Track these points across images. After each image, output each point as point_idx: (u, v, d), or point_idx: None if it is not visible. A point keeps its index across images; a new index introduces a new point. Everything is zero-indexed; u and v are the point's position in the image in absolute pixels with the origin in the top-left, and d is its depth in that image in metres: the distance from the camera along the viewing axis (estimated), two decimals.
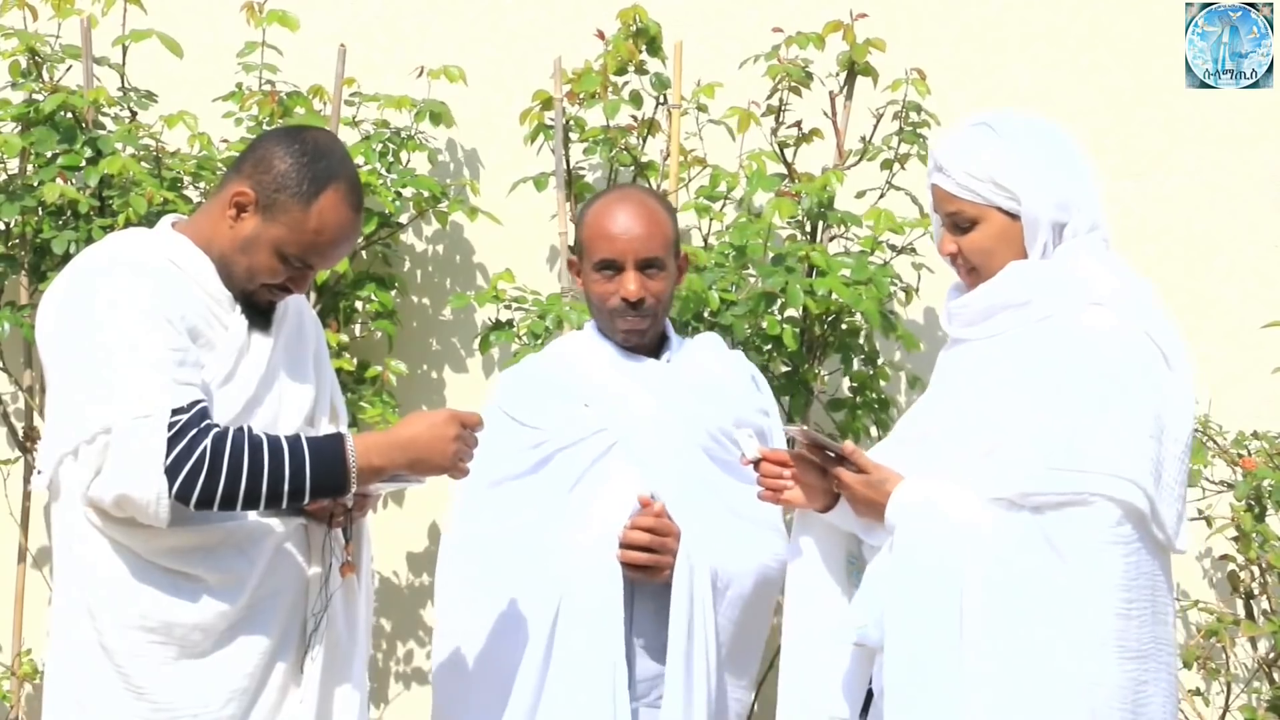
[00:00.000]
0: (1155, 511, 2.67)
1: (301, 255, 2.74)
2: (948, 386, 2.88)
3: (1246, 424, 4.64)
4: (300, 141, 2.76)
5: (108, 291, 2.64)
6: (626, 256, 3.15)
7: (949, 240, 2.84)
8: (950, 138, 2.86)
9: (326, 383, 2.96)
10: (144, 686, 2.65)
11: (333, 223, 2.74)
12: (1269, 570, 4.49)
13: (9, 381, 4.73)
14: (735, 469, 3.17)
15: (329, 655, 2.79)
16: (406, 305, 4.85)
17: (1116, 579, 2.63)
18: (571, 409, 3.19)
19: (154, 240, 2.76)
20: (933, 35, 4.89)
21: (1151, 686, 2.67)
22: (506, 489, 3.18)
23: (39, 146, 4.50)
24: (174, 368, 2.61)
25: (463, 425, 2.74)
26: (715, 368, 3.29)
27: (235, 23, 4.66)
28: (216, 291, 2.75)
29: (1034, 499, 2.65)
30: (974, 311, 2.83)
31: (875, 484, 2.79)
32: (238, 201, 2.74)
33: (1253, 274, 4.83)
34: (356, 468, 2.66)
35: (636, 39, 4.59)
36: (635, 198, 3.22)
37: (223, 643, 2.69)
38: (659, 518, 3.08)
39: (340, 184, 2.74)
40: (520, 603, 3.12)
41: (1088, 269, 2.76)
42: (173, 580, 2.66)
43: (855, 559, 2.97)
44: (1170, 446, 2.71)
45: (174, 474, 2.57)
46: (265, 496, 2.62)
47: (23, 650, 4.60)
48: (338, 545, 2.81)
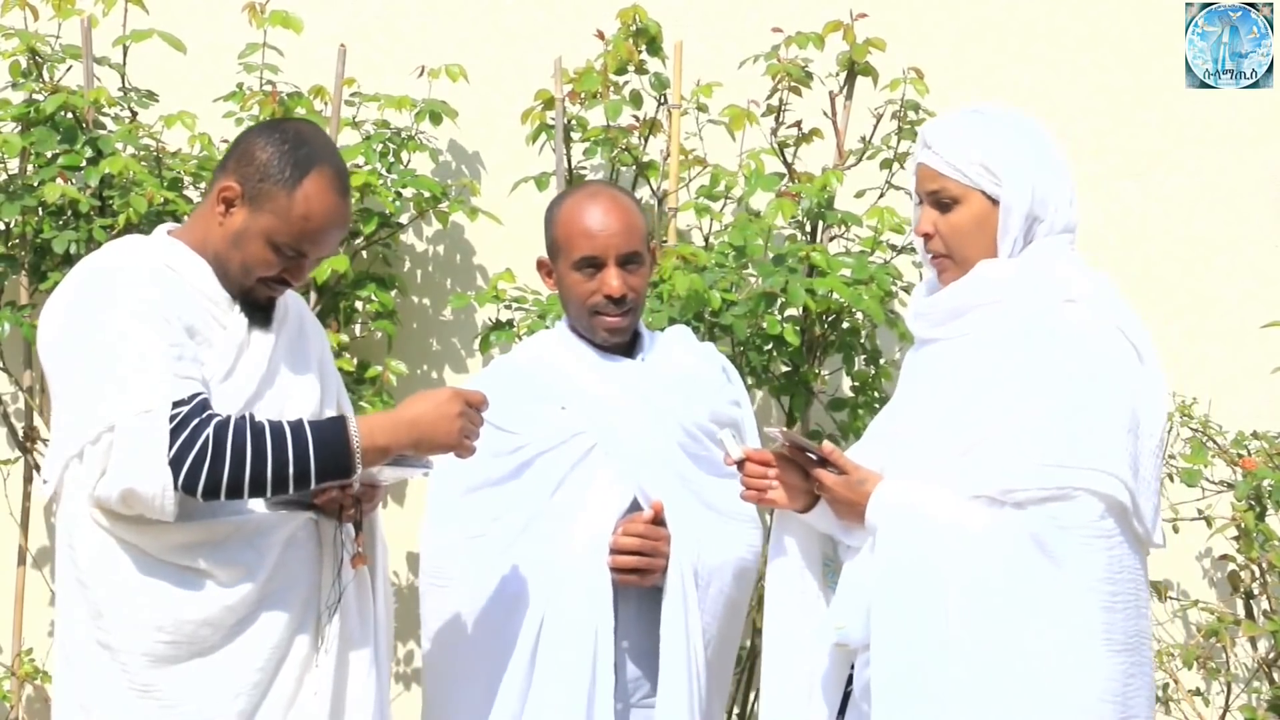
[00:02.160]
0: (1136, 505, 2.67)
1: (292, 243, 2.74)
2: (919, 387, 2.87)
3: (1246, 424, 4.64)
4: (280, 131, 2.77)
5: (105, 295, 2.65)
6: (608, 252, 3.13)
7: (927, 220, 2.84)
8: (941, 119, 2.88)
9: (332, 386, 2.96)
10: (150, 684, 2.65)
11: (319, 207, 2.73)
12: (1270, 570, 4.50)
13: (9, 381, 4.73)
14: (708, 463, 3.16)
15: (343, 648, 2.78)
16: (406, 305, 4.85)
17: (1101, 572, 2.63)
18: (549, 412, 3.15)
19: (150, 246, 2.77)
20: (932, 35, 4.90)
21: (1138, 680, 2.67)
22: (484, 495, 3.14)
23: (39, 146, 4.50)
24: (173, 362, 2.62)
25: (467, 403, 2.73)
26: (688, 362, 3.27)
27: (236, 23, 4.66)
28: (214, 293, 2.75)
29: (1016, 495, 2.65)
30: (942, 311, 2.83)
31: (855, 485, 2.79)
32: (224, 197, 2.74)
33: (1253, 274, 4.83)
34: (360, 448, 2.65)
35: (636, 39, 4.60)
36: (608, 194, 3.20)
37: (231, 637, 2.68)
38: (649, 524, 3.06)
39: (324, 168, 2.74)
40: (506, 609, 3.09)
41: (1058, 267, 2.77)
42: (181, 576, 2.66)
43: (830, 561, 2.97)
44: (1146, 441, 2.72)
45: (178, 465, 2.57)
46: (271, 482, 2.62)
47: (23, 650, 4.60)
48: (348, 538, 2.80)
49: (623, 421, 3.14)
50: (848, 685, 2.86)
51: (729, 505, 3.17)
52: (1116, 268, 4.32)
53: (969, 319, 2.80)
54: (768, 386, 4.56)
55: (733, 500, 3.09)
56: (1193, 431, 4.57)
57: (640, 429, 3.14)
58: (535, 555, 3.09)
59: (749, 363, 4.46)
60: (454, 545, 3.16)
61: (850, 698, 2.84)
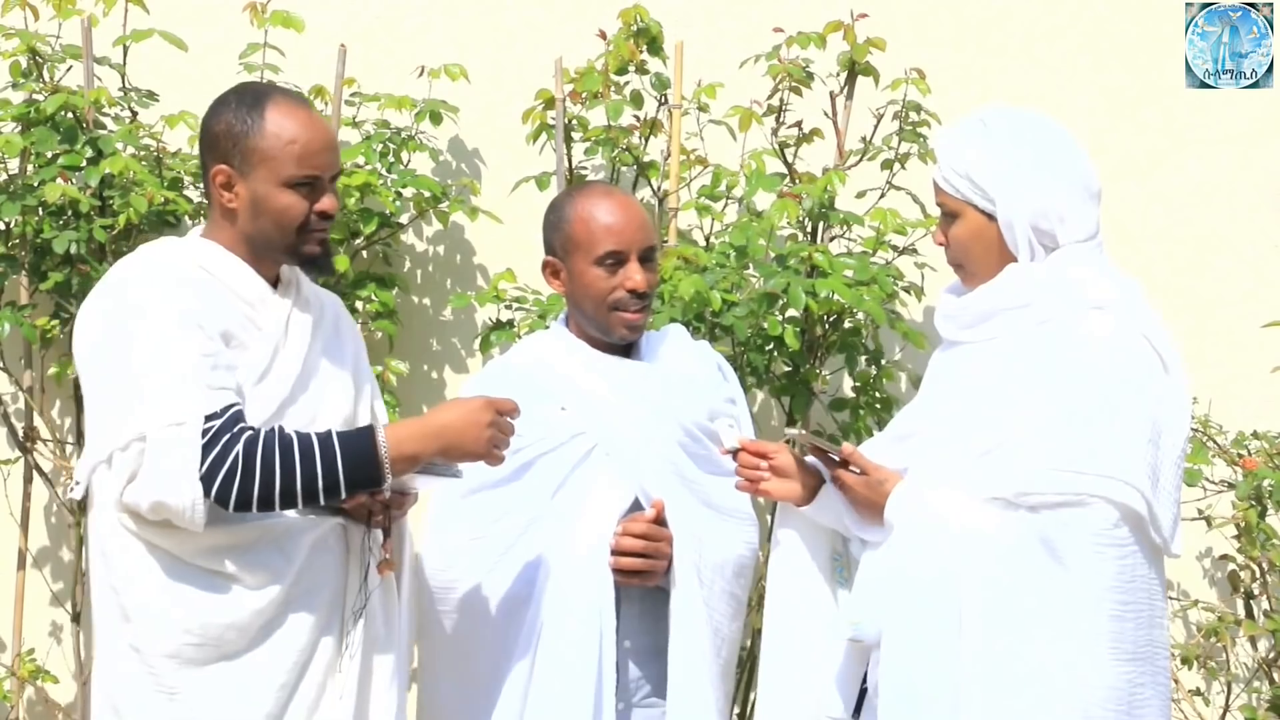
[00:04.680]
0: (1153, 515, 2.68)
1: (298, 172, 2.76)
2: (943, 387, 2.89)
3: (1246, 424, 4.65)
4: (220, 99, 2.85)
5: (139, 301, 2.68)
6: (632, 247, 3.14)
7: (939, 231, 2.89)
8: (946, 131, 2.91)
9: (366, 389, 2.98)
10: (177, 688, 2.67)
11: (294, 125, 2.77)
12: (1270, 570, 4.51)
13: (9, 381, 4.72)
14: (707, 461, 3.17)
15: (367, 653, 2.79)
16: (407, 305, 4.85)
17: (1111, 580, 2.64)
18: (549, 413, 3.15)
19: (184, 248, 2.80)
20: (933, 35, 4.90)
21: (1148, 690, 2.67)
22: (485, 496, 3.13)
23: (40, 146, 4.49)
24: (207, 372, 2.64)
25: (498, 412, 2.74)
26: (685, 361, 3.27)
27: (236, 22, 4.65)
28: (248, 292, 2.78)
29: (1031, 498, 2.66)
30: (972, 314, 2.85)
31: (875, 485, 2.81)
32: (220, 183, 2.79)
33: (1253, 274, 4.84)
34: (389, 458, 2.67)
35: (638, 39, 4.60)
36: (618, 191, 3.24)
37: (258, 641, 2.70)
38: (651, 523, 3.07)
39: (275, 97, 2.80)
40: (508, 610, 3.09)
41: (1085, 273, 2.77)
42: (209, 580, 2.67)
43: (840, 556, 2.98)
44: (1167, 451, 2.72)
45: (209, 481, 2.60)
46: (301, 495, 2.64)
47: (23, 651, 4.59)
48: (376, 544, 2.81)
49: (623, 421, 3.14)
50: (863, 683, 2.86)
51: (727, 503, 3.17)
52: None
53: (996, 323, 2.81)
54: (769, 387, 4.56)
55: (731, 498, 3.10)
56: (1193, 431, 4.57)
57: (641, 429, 3.14)
58: (537, 556, 3.09)
59: (750, 363, 4.46)
60: (455, 547, 3.16)
61: (865, 696, 2.84)
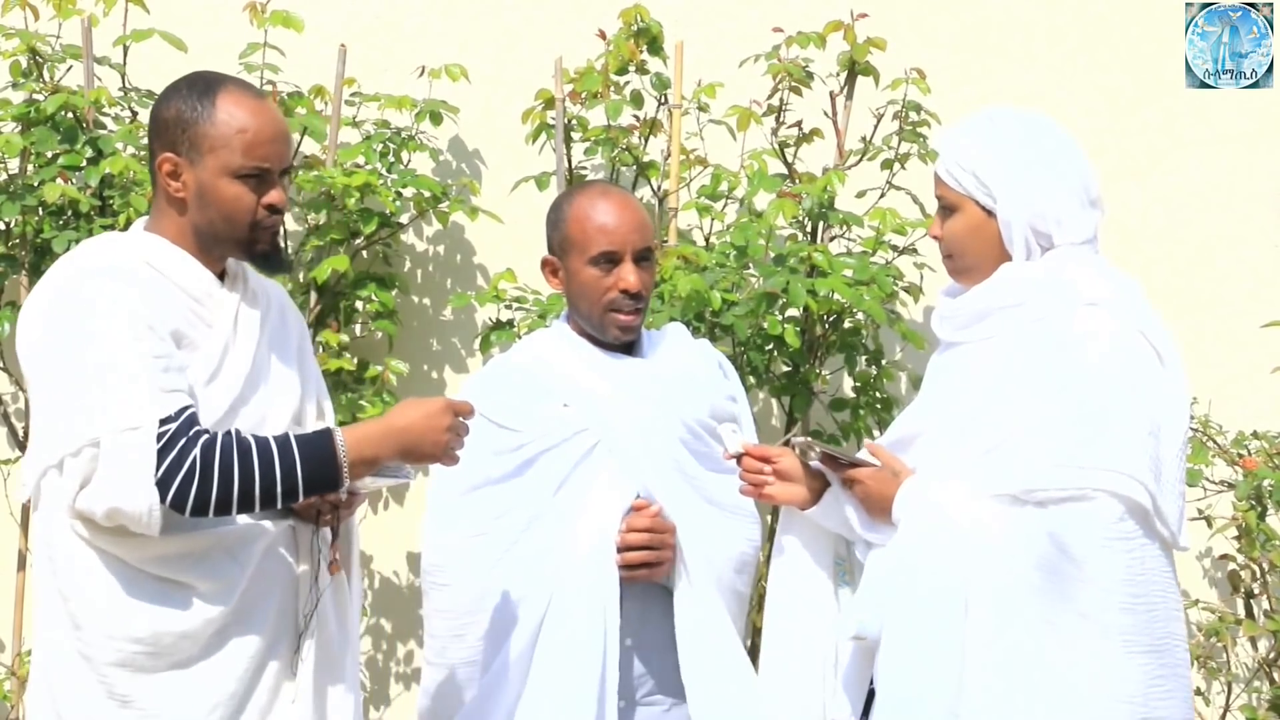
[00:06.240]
0: (1158, 507, 2.68)
1: (246, 163, 2.69)
2: (943, 388, 2.89)
3: (1246, 424, 4.65)
4: (172, 86, 2.76)
5: (88, 301, 2.60)
6: (626, 248, 3.14)
7: (935, 223, 2.90)
8: (952, 126, 2.93)
9: (311, 379, 2.91)
10: (130, 695, 2.61)
11: (245, 114, 2.70)
12: (1270, 570, 4.50)
13: (9, 381, 4.72)
14: (708, 458, 3.17)
15: (321, 654, 2.75)
16: (407, 305, 4.85)
17: (1121, 573, 2.64)
18: (551, 409, 3.15)
19: (129, 245, 2.72)
20: (933, 35, 4.90)
21: (1168, 683, 2.67)
22: (486, 493, 3.14)
23: (40, 146, 4.49)
24: (159, 375, 2.57)
25: (455, 414, 2.71)
26: (686, 359, 3.28)
27: (236, 22, 4.66)
28: (195, 287, 2.71)
29: (1037, 494, 2.66)
30: (968, 314, 2.86)
31: (888, 477, 2.82)
32: (166, 171, 2.71)
33: (1253, 274, 4.84)
34: (348, 461, 2.63)
35: (638, 39, 4.60)
36: (616, 191, 3.23)
37: (211, 649, 2.65)
38: (655, 517, 3.08)
39: (228, 85, 2.73)
40: (510, 608, 3.09)
41: (1079, 272, 2.78)
42: (162, 589, 2.62)
43: (843, 560, 2.98)
44: (1168, 444, 2.73)
45: (165, 486, 2.54)
46: (259, 499, 2.59)
47: (23, 651, 4.60)
48: (325, 544, 2.77)
49: (625, 418, 3.14)
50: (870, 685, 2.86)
51: (729, 500, 3.17)
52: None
53: (991, 322, 2.82)
54: (769, 387, 4.56)
55: (733, 495, 3.10)
56: (1193, 431, 4.57)
57: (642, 426, 3.14)
58: (539, 554, 3.09)
59: (750, 363, 4.46)
60: (456, 544, 3.16)
61: (873, 698, 2.84)
